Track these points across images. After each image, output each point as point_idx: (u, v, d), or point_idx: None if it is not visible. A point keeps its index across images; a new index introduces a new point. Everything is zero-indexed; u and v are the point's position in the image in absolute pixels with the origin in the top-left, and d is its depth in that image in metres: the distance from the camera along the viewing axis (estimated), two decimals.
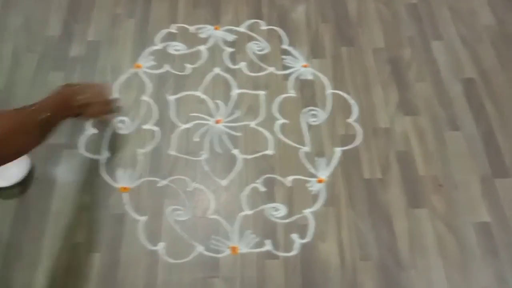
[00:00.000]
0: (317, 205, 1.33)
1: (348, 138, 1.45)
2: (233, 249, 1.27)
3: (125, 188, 1.37)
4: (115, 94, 1.55)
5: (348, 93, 1.55)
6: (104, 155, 1.43)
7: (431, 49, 1.64)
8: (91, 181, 1.39)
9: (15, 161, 1.37)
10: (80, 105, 1.19)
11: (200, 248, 1.28)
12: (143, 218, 1.32)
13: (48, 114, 1.05)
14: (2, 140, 0.89)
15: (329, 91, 1.55)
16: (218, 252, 1.27)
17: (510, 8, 1.75)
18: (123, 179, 1.39)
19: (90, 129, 1.48)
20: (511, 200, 1.34)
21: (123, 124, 1.49)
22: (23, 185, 1.37)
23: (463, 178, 1.38)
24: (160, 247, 1.28)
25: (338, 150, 1.43)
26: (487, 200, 1.34)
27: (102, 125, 1.49)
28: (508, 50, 1.64)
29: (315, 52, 1.64)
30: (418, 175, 1.39)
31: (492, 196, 1.35)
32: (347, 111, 1.51)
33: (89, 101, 1.22)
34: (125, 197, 1.36)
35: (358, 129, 1.47)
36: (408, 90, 1.55)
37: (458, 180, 1.38)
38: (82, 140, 1.46)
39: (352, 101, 1.53)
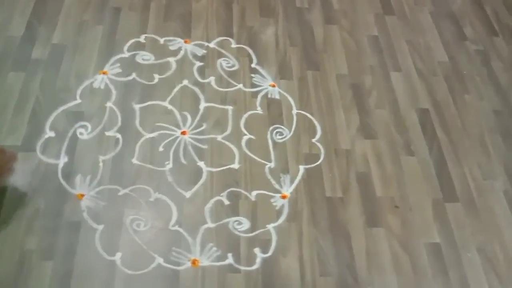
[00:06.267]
0: (280, 221, 1.35)
1: (311, 157, 1.49)
2: (194, 261, 1.25)
3: (82, 195, 1.32)
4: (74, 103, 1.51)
5: (313, 114, 1.60)
6: (62, 160, 1.38)
7: (390, 79, 1.74)
8: (47, 186, 1.33)
9: None
10: None
11: (159, 260, 1.25)
12: (100, 227, 1.28)
13: None
14: None
15: (295, 111, 1.60)
16: (178, 264, 1.25)
17: (460, 48, 1.89)
18: (81, 186, 1.34)
19: (48, 132, 1.42)
20: (459, 223, 1.42)
21: (84, 129, 1.45)
22: None
23: (417, 201, 1.45)
24: (118, 257, 1.24)
25: (302, 168, 1.46)
26: (438, 222, 1.42)
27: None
28: (459, 84, 1.77)
29: (282, 73, 1.69)
30: (376, 196, 1.44)
31: (443, 219, 1.43)
32: (312, 131, 1.56)
33: None
34: (83, 204, 1.31)
35: (321, 149, 1.52)
36: (368, 115, 1.63)
37: (413, 202, 1.45)
38: (40, 143, 1.40)
39: (316, 122, 1.58)
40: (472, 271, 1.33)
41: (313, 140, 1.53)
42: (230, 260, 1.27)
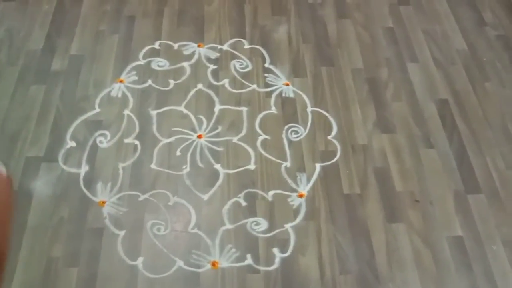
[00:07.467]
0: (298, 220, 1.35)
1: (328, 154, 1.49)
2: (214, 263, 1.27)
3: (104, 202, 1.36)
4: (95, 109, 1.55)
5: (328, 111, 1.59)
6: (84, 168, 1.42)
7: (407, 70, 1.71)
8: (69, 195, 1.37)
9: None
10: None
11: (180, 263, 1.27)
12: (122, 233, 1.31)
13: None
14: None
15: (310, 108, 1.59)
16: (198, 266, 1.27)
17: (479, 35, 1.84)
18: (102, 193, 1.38)
19: (69, 142, 1.47)
20: (482, 215, 1.39)
21: (104, 137, 1.49)
22: None
23: (438, 194, 1.42)
24: (140, 261, 1.27)
25: (318, 166, 1.46)
26: (460, 215, 1.38)
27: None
28: (478, 72, 1.72)
29: (296, 71, 1.69)
30: (395, 191, 1.42)
31: (465, 212, 1.39)
32: (327, 128, 1.55)
33: None
34: (104, 211, 1.35)
35: (338, 146, 1.51)
36: (385, 109, 1.61)
37: (433, 195, 1.42)
38: (61, 153, 1.45)
39: (331, 119, 1.57)
40: (497, 264, 1.30)
41: (329, 137, 1.52)
42: (249, 260, 1.28)
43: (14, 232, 1.29)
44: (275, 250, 1.30)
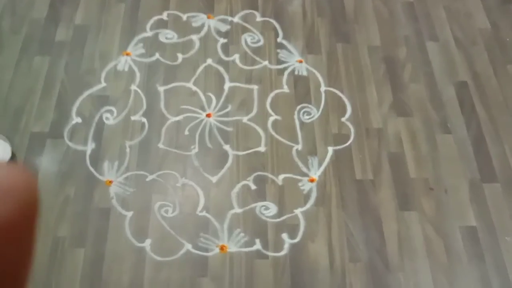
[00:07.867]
0: (308, 205, 1.32)
1: (341, 137, 1.44)
2: (222, 247, 1.25)
3: (111, 182, 1.33)
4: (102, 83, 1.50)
5: (342, 91, 1.53)
6: (90, 146, 1.39)
7: (426, 50, 1.63)
8: (75, 173, 1.34)
9: None
10: None
11: (188, 246, 1.25)
12: (129, 214, 1.29)
13: None
14: None
15: (323, 88, 1.53)
16: (206, 250, 1.25)
17: (504, 13, 1.74)
18: (109, 172, 1.35)
19: (75, 118, 1.43)
20: (497, 205, 1.35)
21: (110, 114, 1.44)
22: None
23: (453, 182, 1.39)
24: (147, 243, 1.25)
25: (330, 149, 1.41)
26: (475, 205, 1.35)
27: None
28: (501, 54, 1.64)
29: (310, 48, 1.61)
30: (409, 178, 1.38)
31: (480, 201, 1.36)
32: (341, 109, 1.49)
33: None
34: (111, 191, 1.32)
35: (351, 129, 1.46)
36: (402, 90, 1.54)
37: (448, 183, 1.38)
38: (67, 130, 1.41)
39: (346, 100, 1.51)
40: (510, 256, 1.27)
41: (343, 119, 1.47)
42: (258, 245, 1.26)
43: None
44: (284, 236, 1.28)
